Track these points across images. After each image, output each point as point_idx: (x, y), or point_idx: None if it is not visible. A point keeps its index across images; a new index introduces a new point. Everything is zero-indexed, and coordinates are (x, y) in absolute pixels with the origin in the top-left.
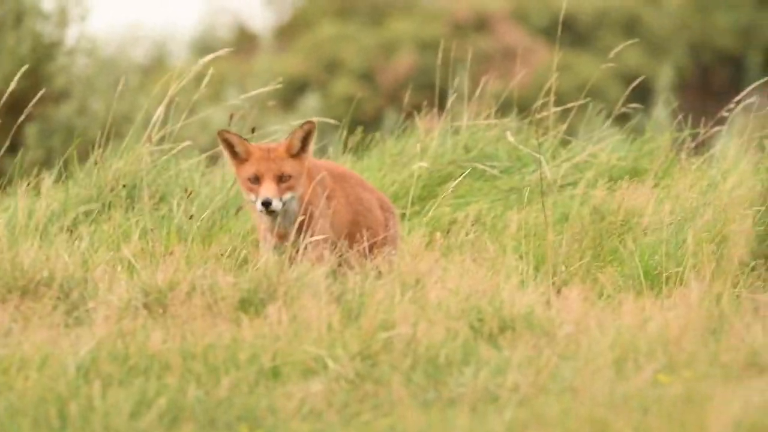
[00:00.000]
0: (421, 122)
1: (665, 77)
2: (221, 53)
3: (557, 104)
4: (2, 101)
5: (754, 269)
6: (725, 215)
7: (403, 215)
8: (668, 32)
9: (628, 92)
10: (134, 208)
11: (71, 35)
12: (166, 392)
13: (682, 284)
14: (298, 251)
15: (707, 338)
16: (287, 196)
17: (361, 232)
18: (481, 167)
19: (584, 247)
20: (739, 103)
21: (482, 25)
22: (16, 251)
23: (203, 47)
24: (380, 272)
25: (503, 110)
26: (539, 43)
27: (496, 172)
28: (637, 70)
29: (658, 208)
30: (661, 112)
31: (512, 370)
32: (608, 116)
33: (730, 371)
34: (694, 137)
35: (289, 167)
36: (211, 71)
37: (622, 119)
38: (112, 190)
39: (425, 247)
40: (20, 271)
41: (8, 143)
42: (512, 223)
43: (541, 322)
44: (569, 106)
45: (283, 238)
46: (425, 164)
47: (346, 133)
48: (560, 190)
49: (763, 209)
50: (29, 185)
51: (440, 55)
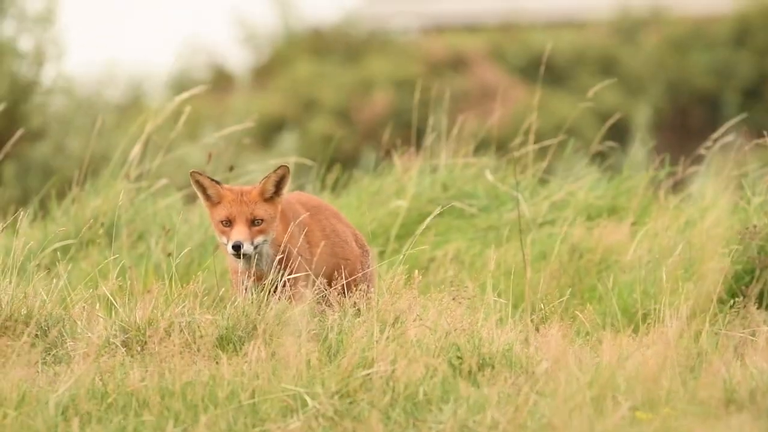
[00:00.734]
0: (399, 161)
1: (642, 116)
2: (197, 91)
3: (535, 143)
4: None
5: (732, 307)
6: (703, 253)
7: (381, 253)
8: (645, 72)
9: (604, 130)
10: (112, 245)
11: (48, 74)
12: (144, 430)
13: (659, 322)
14: (276, 289)
15: (685, 375)
16: (259, 239)
17: (338, 264)
18: (459, 206)
19: (563, 284)
20: (716, 141)
21: (459, 64)
22: None
23: (180, 86)
24: (359, 310)
25: (481, 149)
26: (516, 82)
27: (474, 210)
28: (614, 109)
29: (636, 246)
30: (638, 151)
31: (491, 407)
32: (586, 155)
33: (708, 408)
34: (671, 176)
35: (261, 211)
36: (188, 109)
37: (600, 158)
38: (90, 228)
39: (404, 284)
40: None
41: None
42: (491, 261)
43: (519, 359)
44: (547, 143)
45: (260, 279)
46: (403, 203)
47: (323, 171)
48: (539, 228)
49: (740, 248)
50: (6, 224)
51: (417, 94)
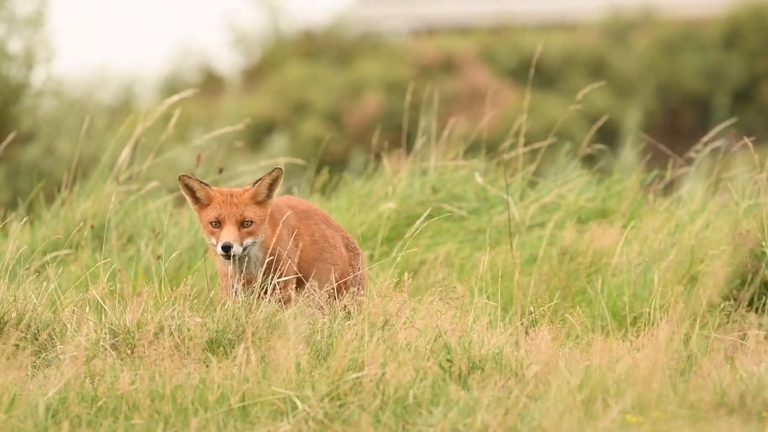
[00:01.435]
0: (388, 163)
1: (633, 119)
2: (187, 94)
3: (525, 145)
4: None
5: (722, 310)
6: (693, 256)
7: (371, 256)
8: (635, 74)
9: (593, 132)
10: (102, 248)
11: (38, 77)
12: None
13: (650, 325)
14: (266, 292)
15: (676, 379)
16: (248, 241)
17: (327, 269)
18: (449, 208)
19: (552, 287)
20: (706, 144)
21: (449, 66)
22: None
23: (171, 89)
24: (349, 313)
25: (471, 151)
26: (506, 84)
27: (464, 213)
28: (604, 111)
29: (626, 249)
30: (628, 153)
31: (481, 410)
32: (576, 157)
33: (698, 412)
34: (661, 178)
35: (251, 213)
36: (177, 112)
37: (590, 161)
38: (79, 230)
39: (394, 287)
40: None
41: None
42: (481, 263)
43: (509, 362)
44: (537, 146)
45: (250, 282)
46: (393, 205)
47: (313, 174)
48: (528, 231)
49: (730, 250)
50: None
51: (408, 96)
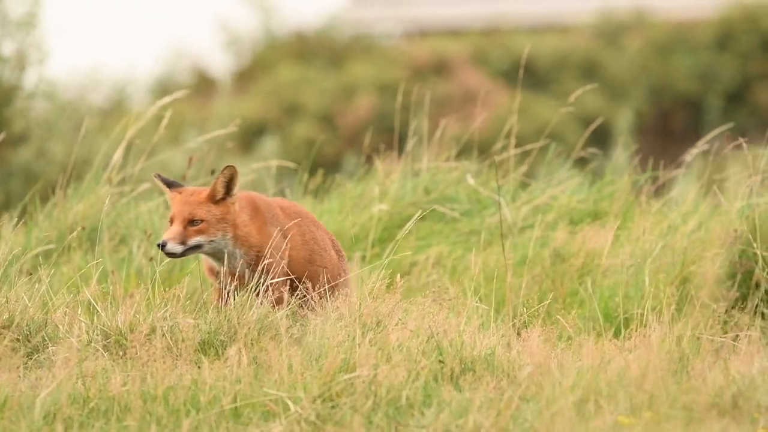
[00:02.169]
0: (381, 165)
1: (624, 120)
2: (178, 95)
3: (517, 147)
4: None
5: (714, 311)
6: (685, 257)
7: (363, 257)
8: (628, 76)
9: (586, 135)
10: (94, 250)
11: (30, 79)
12: None
13: (642, 326)
14: (258, 294)
15: (668, 380)
16: (197, 239)
17: (318, 272)
18: (441, 210)
19: (544, 289)
20: (699, 147)
21: (442, 68)
22: None
23: (163, 91)
24: (341, 314)
25: (463, 153)
26: (498, 86)
27: (456, 214)
28: (596, 113)
29: (618, 250)
30: (620, 155)
31: (473, 411)
32: (568, 159)
33: (691, 413)
34: (653, 180)
35: (202, 212)
36: (169, 113)
37: (581, 162)
38: (71, 232)
39: (386, 289)
40: None
41: None
42: (473, 265)
43: (502, 363)
44: (529, 148)
45: (241, 282)
46: (385, 207)
47: (306, 175)
48: (520, 232)
49: (722, 252)
50: None
51: (399, 97)
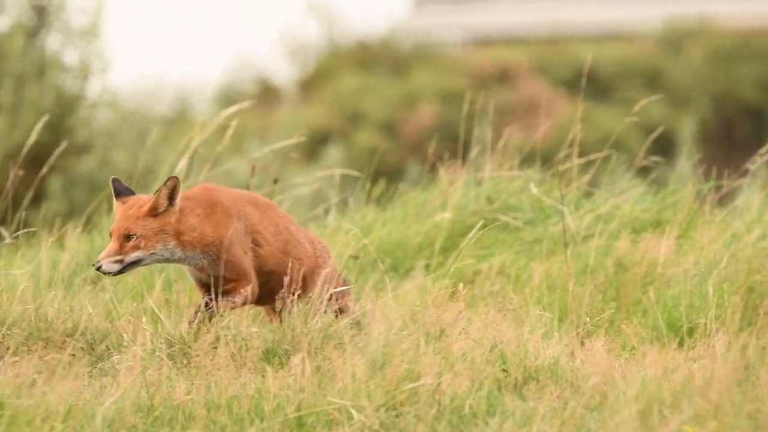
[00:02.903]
0: (444, 173)
1: (688, 129)
2: (244, 105)
3: (580, 156)
4: (25, 154)
5: None
6: (749, 266)
7: (427, 266)
8: (691, 84)
9: (648, 143)
10: None
11: (93, 88)
12: None
13: (706, 335)
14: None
15: (733, 389)
16: (136, 254)
17: (290, 263)
18: (504, 219)
19: (607, 298)
20: (763, 156)
21: (504, 77)
22: (40, 303)
23: (227, 100)
24: (405, 323)
25: (526, 162)
26: (561, 95)
27: (519, 223)
28: (659, 122)
29: (681, 259)
30: (683, 164)
31: (537, 421)
32: (631, 168)
33: (756, 422)
34: (717, 189)
35: (138, 227)
36: (234, 123)
37: (644, 171)
38: None
39: (449, 298)
40: (44, 322)
41: (31, 195)
42: (536, 274)
43: (565, 373)
44: (592, 157)
45: (202, 271)
46: (448, 215)
47: (369, 184)
48: (583, 241)
49: None
50: (53, 237)
51: (465, 106)
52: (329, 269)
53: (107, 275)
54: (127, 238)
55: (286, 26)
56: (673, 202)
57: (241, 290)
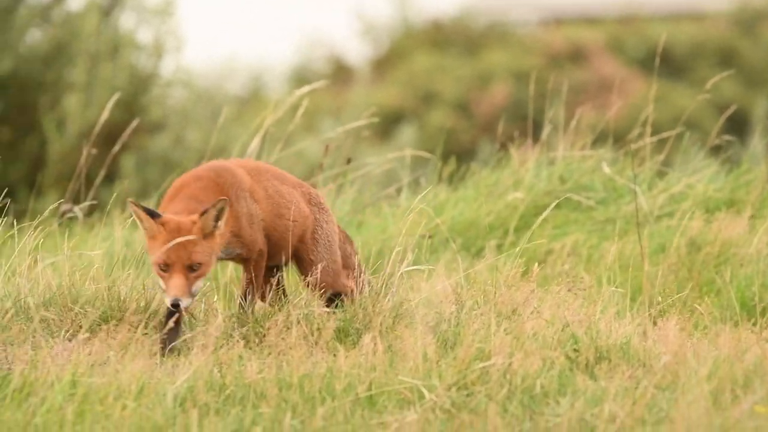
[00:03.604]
0: (516, 153)
1: (761, 108)
2: (317, 86)
3: (653, 135)
4: (98, 132)
5: None
6: None
7: (498, 246)
8: (764, 63)
9: (722, 121)
10: None
11: (167, 67)
12: (261, 421)
13: None
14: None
15: None
16: (198, 285)
17: (286, 225)
18: (576, 198)
19: (680, 278)
20: None
21: (577, 55)
22: (113, 281)
23: (299, 79)
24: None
25: (599, 141)
26: (635, 73)
27: (591, 203)
28: (733, 101)
29: (754, 239)
30: (757, 143)
31: (609, 400)
32: (703, 147)
33: None
34: None
35: (199, 254)
36: (306, 103)
37: (718, 150)
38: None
39: (521, 277)
40: (117, 300)
41: (104, 174)
42: (608, 253)
43: (637, 352)
44: (665, 136)
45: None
46: (520, 195)
47: (441, 164)
48: (656, 221)
49: None
50: (127, 216)
51: (533, 85)
52: (327, 225)
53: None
54: (190, 268)
55: (359, 6)
56: (746, 181)
57: (261, 262)
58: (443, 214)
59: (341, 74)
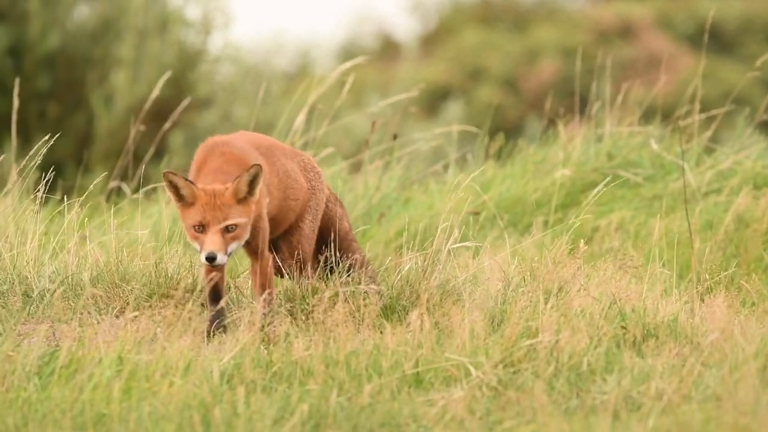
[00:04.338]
0: (563, 129)
1: None
2: (359, 60)
3: (701, 111)
4: (147, 109)
5: None
6: None
7: (545, 222)
8: None
9: None
10: None
11: (215, 43)
12: (308, 399)
13: None
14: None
15: None
16: (233, 246)
17: (291, 205)
18: (624, 175)
19: (728, 255)
20: None
21: (626, 31)
22: (160, 257)
23: (348, 55)
24: (524, 278)
25: (646, 117)
26: (683, 49)
27: (639, 179)
28: None
29: None
30: None
31: (656, 377)
32: (752, 123)
33: None
34: None
35: (235, 215)
36: (352, 78)
37: (767, 126)
38: None
39: (568, 254)
40: (164, 277)
41: (153, 150)
42: (655, 230)
43: (684, 329)
44: (713, 113)
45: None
46: (568, 172)
47: (488, 140)
48: (704, 197)
49: None
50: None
51: (579, 62)
52: (321, 194)
53: (215, 267)
54: (226, 229)
55: None
56: None
57: (266, 251)
58: (490, 190)
59: (389, 50)
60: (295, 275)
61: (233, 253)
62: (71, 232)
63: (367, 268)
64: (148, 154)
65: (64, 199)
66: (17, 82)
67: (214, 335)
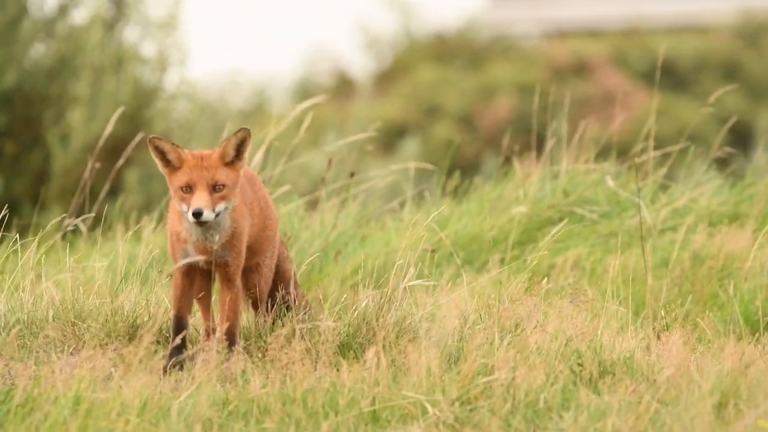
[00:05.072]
0: (519, 167)
1: (765, 121)
2: (319, 99)
3: (657, 148)
4: (102, 145)
5: None
6: None
7: (502, 260)
8: None
9: (724, 132)
10: None
11: (171, 80)
12: None
13: None
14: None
15: None
16: (221, 206)
17: (268, 236)
18: (580, 212)
19: (684, 292)
20: None
21: (581, 68)
22: (116, 296)
23: (303, 93)
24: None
25: (602, 155)
26: (639, 86)
27: (595, 216)
28: (736, 114)
29: (758, 253)
30: (761, 156)
31: (612, 414)
32: (707, 160)
33: None
34: None
35: (222, 175)
36: (309, 116)
37: (722, 164)
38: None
39: (524, 291)
40: (121, 315)
41: (108, 188)
42: (612, 267)
43: (641, 366)
44: (669, 150)
45: (204, 253)
46: (524, 209)
47: (444, 177)
48: (660, 234)
49: None
50: (130, 230)
51: (537, 99)
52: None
53: (201, 226)
54: (213, 188)
55: (362, 19)
56: (750, 195)
57: (238, 279)
58: (447, 228)
59: (345, 88)
60: (252, 312)
61: (222, 215)
62: (27, 270)
63: (309, 309)
64: (103, 191)
65: (17, 238)
66: None
67: (170, 373)
